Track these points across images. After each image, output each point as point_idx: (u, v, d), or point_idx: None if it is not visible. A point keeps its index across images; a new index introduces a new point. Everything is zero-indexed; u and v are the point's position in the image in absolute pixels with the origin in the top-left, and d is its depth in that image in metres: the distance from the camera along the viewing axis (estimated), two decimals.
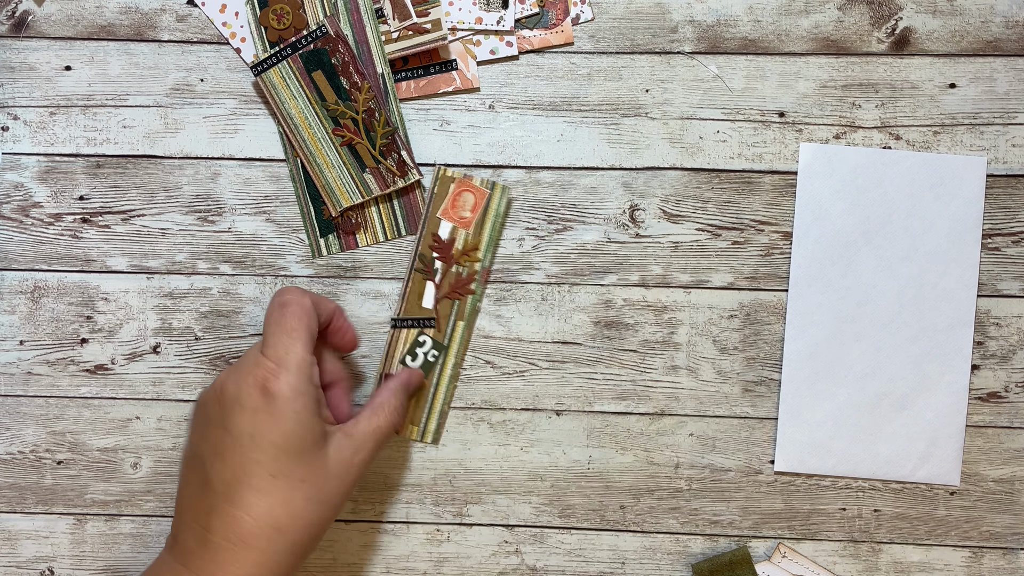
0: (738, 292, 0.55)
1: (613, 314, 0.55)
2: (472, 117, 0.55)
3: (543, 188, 0.55)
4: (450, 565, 0.56)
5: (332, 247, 0.56)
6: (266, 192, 0.56)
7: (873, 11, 0.55)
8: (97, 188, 0.56)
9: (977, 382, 0.55)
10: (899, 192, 0.54)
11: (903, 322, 0.54)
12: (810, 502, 0.55)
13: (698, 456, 0.56)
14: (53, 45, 0.56)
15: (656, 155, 0.55)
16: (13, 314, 0.56)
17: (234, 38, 0.55)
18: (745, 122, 0.55)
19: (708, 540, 0.56)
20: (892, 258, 0.54)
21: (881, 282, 0.53)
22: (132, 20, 0.56)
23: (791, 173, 0.55)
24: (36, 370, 0.56)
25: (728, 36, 0.55)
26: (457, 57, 0.55)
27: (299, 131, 0.54)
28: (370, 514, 0.56)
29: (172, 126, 0.56)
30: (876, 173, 0.54)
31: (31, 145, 0.56)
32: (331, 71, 0.54)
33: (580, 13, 0.55)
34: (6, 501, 0.56)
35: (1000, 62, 0.55)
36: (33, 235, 0.56)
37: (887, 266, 0.54)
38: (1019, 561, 0.55)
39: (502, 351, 0.56)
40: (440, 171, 0.55)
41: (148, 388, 0.56)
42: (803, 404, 0.55)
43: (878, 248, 0.54)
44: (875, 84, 0.55)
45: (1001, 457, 0.55)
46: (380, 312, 0.56)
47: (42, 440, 0.56)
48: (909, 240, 0.54)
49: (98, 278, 0.56)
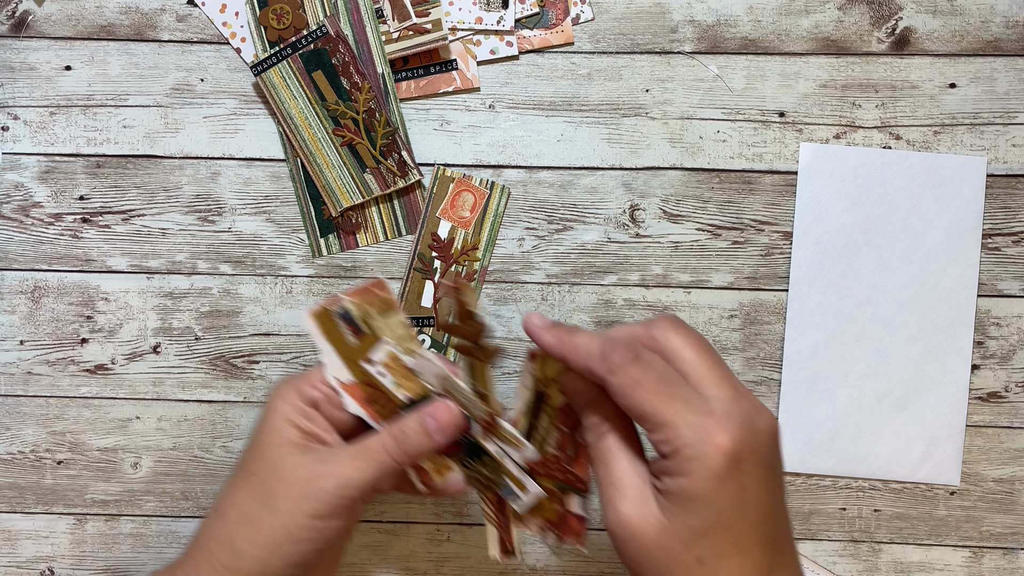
0: (738, 292, 0.55)
1: (613, 314, 0.55)
2: (472, 117, 0.55)
3: (543, 188, 0.55)
4: (450, 565, 0.56)
5: (332, 247, 0.56)
6: (266, 192, 0.56)
7: (873, 11, 0.55)
8: (97, 188, 0.56)
9: (977, 382, 0.55)
10: (899, 192, 0.54)
11: (903, 322, 0.54)
12: (810, 502, 0.55)
13: None
14: (53, 45, 0.56)
15: (656, 155, 0.55)
16: (13, 314, 0.56)
17: (234, 38, 0.55)
18: (745, 122, 0.55)
19: None
20: (892, 258, 0.54)
21: (881, 282, 0.53)
22: (132, 20, 0.56)
23: (791, 173, 0.55)
24: (36, 370, 0.56)
25: (728, 36, 0.55)
26: (457, 57, 0.55)
27: (299, 131, 0.54)
28: (370, 514, 0.56)
29: (172, 126, 0.56)
30: (876, 173, 0.54)
31: (31, 145, 0.56)
32: (331, 71, 0.54)
33: (580, 13, 0.55)
34: (6, 501, 0.56)
35: (1000, 62, 0.55)
36: (33, 235, 0.56)
37: (887, 266, 0.54)
38: (1019, 561, 0.55)
39: (502, 351, 0.56)
40: (439, 171, 0.55)
41: (148, 388, 0.56)
42: (803, 404, 0.55)
43: (878, 248, 0.54)
44: (875, 84, 0.55)
45: (1001, 457, 0.55)
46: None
47: (42, 440, 0.56)
48: (909, 240, 0.54)
49: (98, 278, 0.56)
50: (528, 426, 0.46)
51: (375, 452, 0.43)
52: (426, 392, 0.45)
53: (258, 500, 0.43)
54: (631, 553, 0.39)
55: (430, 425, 0.44)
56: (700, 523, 0.37)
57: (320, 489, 0.42)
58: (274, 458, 0.43)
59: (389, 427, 0.44)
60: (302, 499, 0.42)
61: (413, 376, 0.45)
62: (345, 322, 0.45)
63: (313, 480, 0.42)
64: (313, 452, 0.43)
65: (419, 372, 0.45)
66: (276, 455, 0.43)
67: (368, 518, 0.56)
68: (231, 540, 0.43)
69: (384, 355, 0.45)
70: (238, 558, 0.42)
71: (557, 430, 0.45)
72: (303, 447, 0.43)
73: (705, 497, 0.37)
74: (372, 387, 0.45)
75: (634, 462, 0.40)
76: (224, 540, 0.43)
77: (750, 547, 0.37)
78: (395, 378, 0.45)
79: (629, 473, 0.39)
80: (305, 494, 0.42)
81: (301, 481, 0.42)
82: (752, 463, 0.37)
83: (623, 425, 0.41)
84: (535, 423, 0.46)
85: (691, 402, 0.37)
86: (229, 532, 0.43)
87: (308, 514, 0.42)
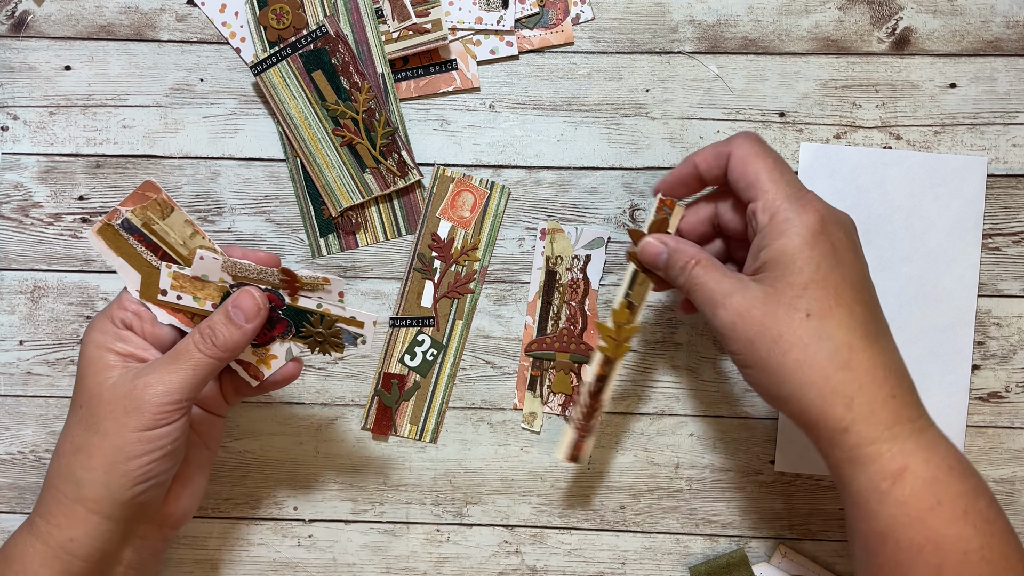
0: None
1: None
2: (472, 117, 0.55)
3: (543, 188, 0.55)
4: (450, 565, 0.56)
5: (332, 247, 0.56)
6: (266, 192, 0.56)
7: (873, 11, 0.55)
8: (97, 188, 0.56)
9: (977, 382, 0.55)
10: (899, 192, 0.54)
11: (903, 322, 0.54)
12: (810, 502, 0.55)
13: (698, 456, 0.55)
14: (53, 45, 0.56)
15: (656, 155, 0.55)
16: (13, 314, 0.56)
17: (234, 38, 0.55)
18: (745, 122, 0.55)
19: (708, 540, 0.55)
20: (892, 258, 0.54)
21: (881, 282, 0.52)
22: (132, 20, 0.56)
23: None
24: (36, 370, 0.56)
25: (728, 36, 0.55)
26: (457, 57, 0.55)
27: (299, 131, 0.54)
28: (370, 514, 0.56)
29: (172, 126, 0.56)
30: (877, 173, 0.54)
31: (31, 145, 0.56)
32: (331, 71, 0.54)
33: (580, 13, 0.55)
34: (6, 501, 0.56)
35: (1000, 62, 0.55)
36: (33, 235, 0.56)
37: (887, 266, 0.54)
38: None
39: (502, 351, 0.55)
40: (439, 171, 0.55)
41: None
42: None
43: (878, 248, 0.54)
44: (875, 84, 0.55)
45: (1001, 457, 0.55)
46: (380, 312, 0.56)
47: (42, 440, 0.56)
48: (909, 240, 0.54)
49: (98, 278, 0.56)
50: (543, 303, 0.53)
51: (188, 352, 0.44)
52: (225, 290, 0.46)
53: (86, 428, 0.44)
54: (743, 335, 0.42)
55: (236, 316, 0.45)
56: (802, 278, 0.41)
57: (140, 400, 0.43)
58: (94, 385, 0.44)
59: (199, 326, 0.45)
60: (124, 415, 0.43)
61: (205, 282, 0.46)
62: (129, 232, 0.45)
63: (131, 394, 0.43)
64: (131, 370, 0.44)
65: (206, 276, 0.45)
66: (96, 382, 0.44)
67: (368, 518, 0.56)
68: (71, 472, 0.44)
69: (168, 278, 0.45)
70: (80, 487, 0.43)
71: (567, 305, 0.53)
72: (121, 367, 0.44)
73: (803, 251, 0.41)
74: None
75: (727, 273, 0.44)
76: (64, 474, 0.44)
77: (853, 303, 0.41)
78: (191, 293, 0.46)
79: (724, 278, 0.44)
80: (126, 408, 0.43)
81: (121, 398, 0.43)
82: (840, 231, 0.43)
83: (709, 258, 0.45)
84: (549, 300, 0.53)
85: (792, 183, 0.44)
86: (67, 464, 0.44)
87: (135, 428, 0.43)
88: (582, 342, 0.55)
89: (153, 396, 0.43)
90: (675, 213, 0.48)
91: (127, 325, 0.46)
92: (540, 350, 0.55)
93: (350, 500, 0.56)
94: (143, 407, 0.43)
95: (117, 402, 0.43)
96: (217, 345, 0.44)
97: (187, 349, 0.44)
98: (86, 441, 0.43)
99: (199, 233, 0.46)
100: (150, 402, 0.43)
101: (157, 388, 0.43)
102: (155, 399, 0.43)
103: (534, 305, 0.55)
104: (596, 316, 0.55)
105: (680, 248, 0.46)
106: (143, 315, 0.46)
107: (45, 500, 0.44)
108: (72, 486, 0.43)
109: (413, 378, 0.55)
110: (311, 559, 0.56)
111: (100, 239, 0.45)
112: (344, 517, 0.56)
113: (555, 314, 0.55)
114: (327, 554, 0.56)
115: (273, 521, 0.56)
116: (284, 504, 0.56)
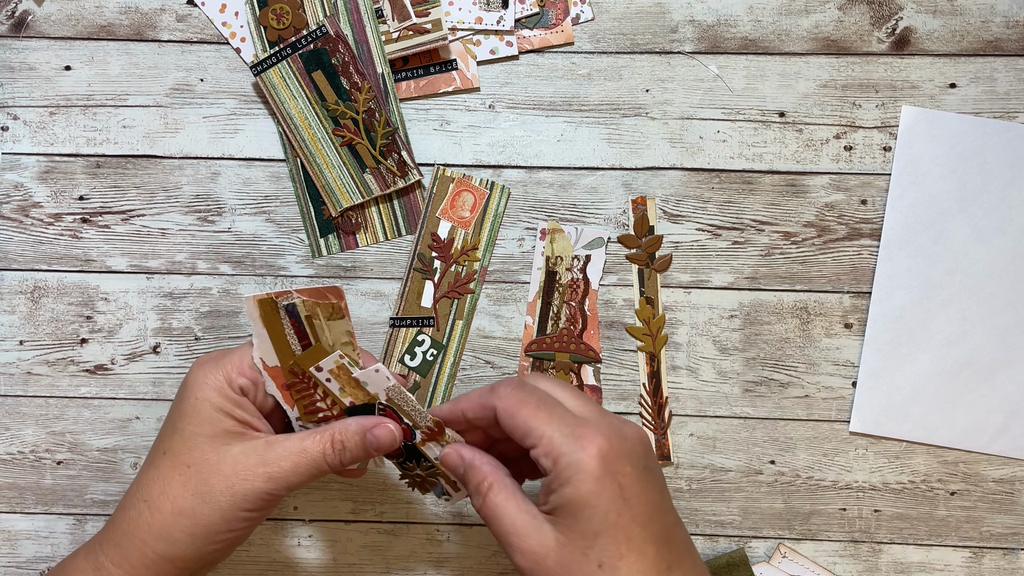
0: (738, 292, 0.55)
1: (613, 314, 0.55)
2: (472, 117, 0.55)
3: (543, 188, 0.55)
4: (450, 565, 0.56)
5: (332, 247, 0.56)
6: (266, 192, 0.56)
7: (873, 11, 0.55)
8: (97, 188, 0.56)
9: None
10: (999, 162, 0.54)
11: (992, 292, 0.54)
12: (810, 502, 0.55)
13: (698, 456, 0.55)
14: (53, 45, 0.56)
15: (656, 155, 0.55)
16: (13, 314, 0.56)
17: (234, 38, 0.55)
18: (745, 122, 0.55)
19: (708, 540, 0.55)
20: (986, 227, 0.54)
21: (973, 251, 0.52)
22: (132, 20, 0.56)
23: (791, 173, 0.55)
24: (36, 370, 0.56)
25: (728, 36, 0.55)
26: (457, 57, 0.55)
27: (299, 131, 0.54)
28: (370, 514, 0.56)
29: (172, 126, 0.56)
30: (977, 141, 0.54)
31: (31, 145, 0.56)
32: (331, 71, 0.54)
33: (580, 13, 0.55)
34: (6, 501, 0.56)
35: (1000, 62, 0.55)
36: (33, 235, 0.56)
37: (980, 235, 0.54)
38: (1019, 561, 0.55)
39: (502, 351, 0.56)
40: (439, 171, 0.55)
41: (148, 388, 0.56)
42: (884, 367, 0.54)
43: (972, 217, 0.54)
44: (875, 84, 0.55)
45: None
46: (380, 312, 0.56)
47: (42, 440, 0.56)
48: (1005, 211, 0.54)
49: (98, 278, 0.56)
50: (543, 304, 0.53)
51: (314, 457, 0.45)
52: (372, 400, 0.46)
53: (194, 494, 0.44)
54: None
55: (371, 442, 0.46)
56: (590, 527, 0.40)
57: (258, 488, 0.44)
58: (209, 450, 0.44)
59: (330, 434, 0.45)
60: (241, 496, 0.44)
61: (360, 385, 0.46)
62: (289, 316, 0.45)
63: (252, 477, 0.44)
64: (249, 443, 0.45)
65: (366, 384, 0.45)
66: (212, 447, 0.44)
67: (368, 518, 0.56)
68: (168, 532, 0.44)
69: (332, 364, 0.45)
70: (174, 546, 0.44)
71: (567, 305, 0.53)
72: (238, 435, 0.45)
73: (589, 500, 0.40)
74: (296, 376, 0.46)
75: (521, 504, 0.42)
76: (159, 532, 0.44)
77: (644, 544, 0.40)
78: (341, 385, 0.46)
79: (520, 513, 0.42)
80: (245, 492, 0.44)
81: (240, 478, 0.44)
82: (626, 464, 0.41)
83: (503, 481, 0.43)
84: (549, 300, 0.53)
85: (565, 419, 0.41)
86: (165, 524, 0.44)
87: (244, 508, 0.44)
88: (582, 342, 0.55)
89: (272, 487, 0.44)
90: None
91: (244, 391, 0.46)
92: (540, 350, 0.55)
93: (350, 500, 0.56)
94: (260, 494, 0.44)
95: (235, 481, 0.44)
96: (343, 461, 0.45)
97: (314, 454, 0.45)
98: (193, 508, 0.44)
99: (353, 345, 0.46)
100: (267, 491, 0.44)
101: (278, 482, 0.44)
102: (272, 489, 0.44)
103: (534, 305, 0.55)
104: (596, 316, 0.55)
105: (475, 465, 0.44)
106: (259, 384, 0.46)
107: (124, 549, 0.44)
108: (166, 544, 0.44)
109: (413, 378, 0.55)
110: (311, 559, 0.56)
111: (256, 307, 0.45)
112: (344, 517, 0.56)
113: (555, 314, 0.55)
114: (327, 554, 0.56)
115: (273, 521, 0.56)
116: (284, 504, 0.56)
